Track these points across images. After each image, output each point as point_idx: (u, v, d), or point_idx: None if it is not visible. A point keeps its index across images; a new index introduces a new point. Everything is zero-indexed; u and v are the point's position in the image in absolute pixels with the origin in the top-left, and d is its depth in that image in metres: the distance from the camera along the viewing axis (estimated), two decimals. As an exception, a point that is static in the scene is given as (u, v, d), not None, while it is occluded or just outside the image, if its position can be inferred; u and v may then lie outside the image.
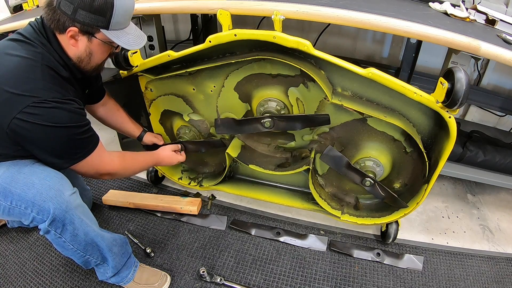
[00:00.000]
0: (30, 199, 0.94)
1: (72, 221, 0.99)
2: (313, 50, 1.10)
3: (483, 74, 2.10)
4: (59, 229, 0.98)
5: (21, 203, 0.94)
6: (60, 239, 1.01)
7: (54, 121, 0.89)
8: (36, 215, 0.95)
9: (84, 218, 1.04)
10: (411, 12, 1.42)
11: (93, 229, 1.07)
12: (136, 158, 1.25)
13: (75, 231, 1.01)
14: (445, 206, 1.77)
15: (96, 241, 1.09)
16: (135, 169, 1.24)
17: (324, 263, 1.41)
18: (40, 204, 0.93)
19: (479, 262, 1.44)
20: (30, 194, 0.94)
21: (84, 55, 1.01)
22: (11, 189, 0.94)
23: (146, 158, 1.32)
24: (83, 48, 0.99)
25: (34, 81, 0.88)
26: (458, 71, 0.97)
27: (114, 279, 1.22)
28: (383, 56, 2.34)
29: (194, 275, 1.34)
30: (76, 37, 0.97)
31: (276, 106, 1.33)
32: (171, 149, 1.45)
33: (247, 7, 1.27)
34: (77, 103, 0.97)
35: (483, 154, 1.62)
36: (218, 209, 1.68)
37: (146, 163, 1.32)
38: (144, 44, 1.07)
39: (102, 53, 1.05)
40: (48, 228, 0.97)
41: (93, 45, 1.00)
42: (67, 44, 0.98)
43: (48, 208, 0.94)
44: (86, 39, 0.98)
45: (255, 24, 2.29)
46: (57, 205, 0.94)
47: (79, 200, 1.03)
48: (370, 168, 1.35)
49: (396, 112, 1.21)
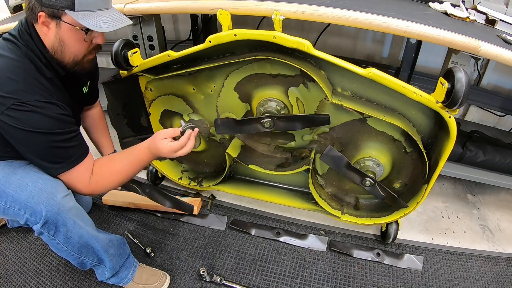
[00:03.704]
0: (23, 201, 0.93)
1: (64, 223, 0.98)
2: (313, 50, 1.10)
3: (483, 74, 2.10)
4: (52, 231, 0.97)
5: (14, 204, 0.94)
6: (54, 240, 1.00)
7: (31, 125, 0.86)
8: (29, 217, 0.94)
9: (78, 220, 1.02)
10: (411, 12, 1.42)
11: (87, 231, 1.05)
12: (113, 167, 1.06)
13: (68, 233, 1.00)
14: (445, 206, 1.77)
15: (90, 243, 1.07)
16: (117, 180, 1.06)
17: (324, 263, 1.41)
18: (32, 206, 0.93)
19: (479, 262, 1.44)
20: (23, 196, 0.93)
21: (56, 44, 0.94)
22: (5, 190, 0.94)
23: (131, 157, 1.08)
24: (53, 35, 0.93)
25: (16, 83, 0.86)
26: (458, 71, 0.97)
27: (113, 279, 1.22)
28: (383, 56, 2.34)
29: (194, 275, 1.34)
30: (47, 24, 0.91)
31: (276, 106, 1.33)
32: (162, 137, 1.06)
33: (247, 7, 1.27)
34: (59, 107, 0.92)
35: (483, 154, 1.61)
36: (218, 209, 1.68)
37: (132, 162, 1.07)
38: (120, 27, 0.95)
39: (75, 41, 0.95)
40: (41, 230, 0.96)
41: (62, 31, 0.92)
42: (43, 35, 0.93)
43: (40, 211, 0.93)
44: (55, 25, 0.91)
45: (255, 24, 2.29)
46: (49, 207, 0.93)
47: (72, 202, 1.00)
48: (370, 168, 1.35)
49: (396, 112, 1.21)
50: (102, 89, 1.46)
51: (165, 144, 1.05)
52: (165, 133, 1.07)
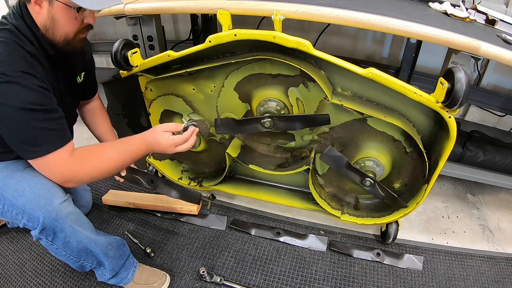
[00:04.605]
0: (20, 207, 0.92)
1: (62, 229, 0.97)
2: (313, 50, 1.10)
3: (483, 74, 2.10)
4: (50, 237, 0.97)
5: (12, 209, 0.94)
6: (52, 245, 1.00)
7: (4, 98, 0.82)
8: (26, 222, 0.94)
9: (76, 226, 1.01)
10: (411, 12, 1.42)
11: (85, 236, 1.05)
12: (103, 154, 0.98)
13: (67, 239, 0.99)
14: (445, 206, 1.77)
15: (89, 247, 1.07)
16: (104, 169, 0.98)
17: (324, 263, 1.41)
18: (29, 212, 0.92)
19: (479, 262, 1.44)
20: (20, 201, 0.92)
21: (48, 22, 0.93)
22: (3, 194, 0.94)
23: (123, 147, 1.02)
24: (45, 14, 0.92)
25: None
26: (458, 71, 0.97)
27: (113, 280, 1.22)
28: (383, 56, 2.34)
29: (194, 275, 1.34)
30: (39, 3, 0.91)
31: (276, 106, 1.33)
32: (164, 130, 1.05)
33: (247, 7, 1.27)
34: (38, 80, 0.86)
35: (483, 154, 1.62)
36: (218, 209, 1.68)
37: (123, 153, 1.01)
38: (111, 5, 0.96)
39: (67, 20, 0.94)
40: (39, 236, 0.96)
41: (54, 9, 0.92)
42: (35, 14, 0.93)
43: (38, 217, 0.92)
44: (47, 3, 0.91)
45: (255, 24, 2.29)
46: (46, 214, 0.92)
47: (71, 207, 0.99)
48: (370, 168, 1.35)
49: (396, 112, 1.21)
50: (102, 89, 1.46)
51: (166, 136, 1.03)
52: (166, 126, 1.05)
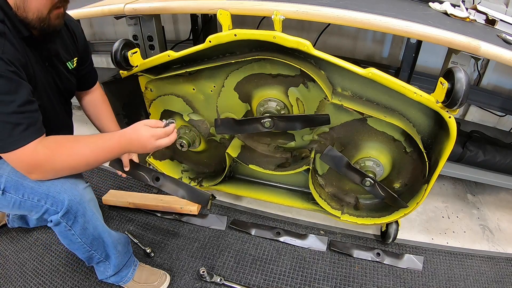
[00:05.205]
0: (44, 192, 0.94)
1: (84, 213, 0.99)
2: (313, 50, 1.10)
3: (483, 74, 2.10)
4: (70, 221, 0.98)
5: (33, 196, 0.94)
6: (70, 231, 1.01)
7: None
8: (49, 207, 0.95)
9: (96, 212, 1.05)
10: (411, 12, 1.42)
11: (102, 224, 1.08)
12: (75, 148, 0.91)
13: (85, 224, 1.02)
14: (445, 206, 1.77)
15: (103, 236, 1.10)
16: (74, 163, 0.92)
17: (324, 263, 1.41)
18: (54, 195, 0.94)
19: (479, 262, 1.44)
20: (44, 186, 0.94)
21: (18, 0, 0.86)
22: (23, 183, 0.94)
23: (98, 142, 0.95)
24: None
25: None
26: (458, 71, 0.97)
27: (114, 278, 1.22)
28: (383, 56, 2.34)
29: (194, 275, 1.34)
30: None
31: (276, 106, 1.33)
32: (145, 124, 1.01)
33: (247, 7, 1.27)
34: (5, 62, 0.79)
35: (483, 154, 1.62)
36: (218, 209, 1.68)
37: (97, 148, 0.94)
38: None
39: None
40: (59, 220, 0.97)
41: None
42: None
43: (63, 200, 0.94)
44: None
45: (255, 24, 2.29)
46: (72, 196, 0.95)
47: (92, 194, 1.03)
48: (370, 168, 1.35)
49: (396, 112, 1.21)
50: (102, 89, 1.46)
51: (147, 129, 1.00)
52: (147, 121, 1.03)
